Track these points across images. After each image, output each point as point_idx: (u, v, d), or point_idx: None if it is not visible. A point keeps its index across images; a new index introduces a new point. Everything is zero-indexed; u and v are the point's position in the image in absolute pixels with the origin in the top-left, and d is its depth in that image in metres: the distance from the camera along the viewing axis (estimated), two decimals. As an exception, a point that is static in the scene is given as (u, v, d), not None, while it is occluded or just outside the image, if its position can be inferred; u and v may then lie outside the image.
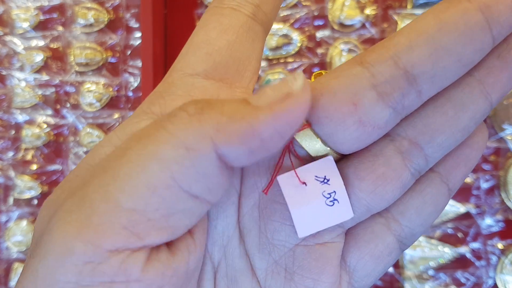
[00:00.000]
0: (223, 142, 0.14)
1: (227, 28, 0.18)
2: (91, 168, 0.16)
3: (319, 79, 0.17)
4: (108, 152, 0.16)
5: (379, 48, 0.16)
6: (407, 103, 0.16)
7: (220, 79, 0.17)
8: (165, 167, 0.14)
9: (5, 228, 0.59)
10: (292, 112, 0.14)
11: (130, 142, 0.15)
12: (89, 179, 0.14)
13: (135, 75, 0.57)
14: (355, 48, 0.51)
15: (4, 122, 0.60)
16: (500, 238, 0.45)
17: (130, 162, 0.14)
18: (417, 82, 0.16)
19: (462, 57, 0.15)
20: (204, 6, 0.56)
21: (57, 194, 0.16)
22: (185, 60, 0.18)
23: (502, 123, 0.45)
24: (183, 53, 0.18)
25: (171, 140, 0.14)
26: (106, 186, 0.14)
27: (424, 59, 0.15)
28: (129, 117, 0.17)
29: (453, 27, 0.15)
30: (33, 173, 0.59)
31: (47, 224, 0.15)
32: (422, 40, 0.15)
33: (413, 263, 0.45)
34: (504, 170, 0.45)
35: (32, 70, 0.59)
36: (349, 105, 0.16)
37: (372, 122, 0.16)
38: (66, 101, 0.59)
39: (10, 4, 0.60)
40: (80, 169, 0.16)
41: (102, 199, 0.14)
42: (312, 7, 0.52)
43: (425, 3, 0.48)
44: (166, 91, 0.18)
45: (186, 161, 0.14)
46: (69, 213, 0.14)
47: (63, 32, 0.59)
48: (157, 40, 0.54)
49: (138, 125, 0.16)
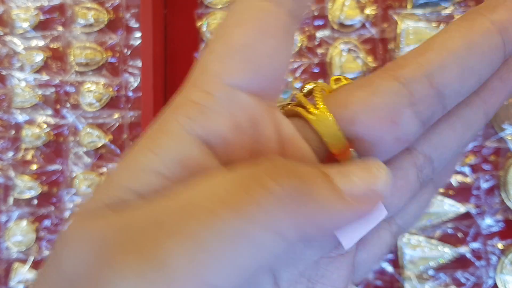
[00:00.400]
0: (308, 231, 0.14)
1: (268, 30, 0.15)
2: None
3: (348, 90, 0.16)
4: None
5: (412, 63, 0.16)
6: (433, 119, 0.16)
7: (260, 94, 0.15)
8: (258, 253, 0.13)
9: (5, 228, 0.59)
10: (370, 210, 0.14)
11: (214, 207, 0.13)
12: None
13: (135, 75, 0.57)
14: (355, 48, 0.51)
15: (4, 122, 0.60)
16: (500, 238, 0.45)
17: (222, 241, 0.12)
18: (445, 99, 0.16)
19: (482, 77, 0.16)
20: (204, 6, 0.56)
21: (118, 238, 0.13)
22: (223, 64, 0.15)
23: (502, 123, 0.45)
24: (218, 52, 0.15)
25: (264, 228, 0.13)
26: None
27: (454, 79, 0.16)
28: (163, 129, 0.15)
29: (479, 49, 0.15)
30: (33, 173, 0.59)
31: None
32: (452, 60, 0.15)
33: (413, 263, 0.45)
34: (504, 170, 0.45)
35: (32, 70, 0.59)
36: (390, 123, 0.16)
37: (407, 138, 0.16)
38: (66, 101, 0.59)
39: (10, 4, 0.60)
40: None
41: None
42: (312, 7, 0.52)
43: (425, 3, 0.48)
44: (206, 103, 0.15)
45: (277, 249, 0.13)
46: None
47: (63, 32, 0.59)
48: (157, 40, 0.54)
49: (183, 149, 0.14)
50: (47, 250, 0.58)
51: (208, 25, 0.55)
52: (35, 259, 0.58)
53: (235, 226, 0.12)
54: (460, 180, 0.46)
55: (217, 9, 0.55)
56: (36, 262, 0.58)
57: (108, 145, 0.57)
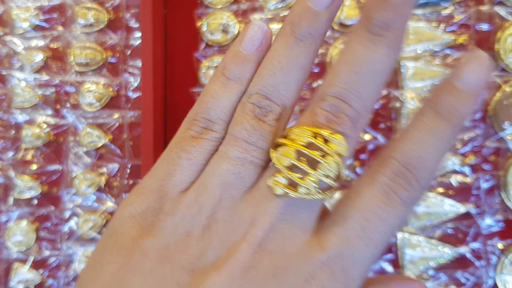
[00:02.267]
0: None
1: None
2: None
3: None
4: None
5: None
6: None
7: None
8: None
9: (5, 228, 0.59)
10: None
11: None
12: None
13: (135, 75, 0.57)
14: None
15: (4, 122, 0.60)
16: (500, 238, 0.45)
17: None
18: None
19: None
20: (204, 6, 0.56)
21: None
22: None
23: (502, 123, 0.45)
24: None
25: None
26: None
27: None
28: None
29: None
30: (33, 173, 0.59)
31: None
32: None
33: (413, 263, 0.45)
34: (504, 170, 0.45)
35: (32, 70, 0.59)
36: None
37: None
38: (66, 101, 0.59)
39: (10, 4, 0.60)
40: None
41: None
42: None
43: (425, 3, 0.48)
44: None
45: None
46: None
47: (63, 32, 0.59)
48: (157, 40, 0.54)
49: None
50: (47, 250, 0.58)
51: (208, 25, 0.55)
52: (35, 259, 0.58)
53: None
54: (460, 180, 0.46)
55: (217, 9, 0.55)
56: (36, 262, 0.58)
57: (108, 145, 0.57)
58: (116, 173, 0.57)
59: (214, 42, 0.55)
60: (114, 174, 0.57)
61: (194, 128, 0.19)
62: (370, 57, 0.18)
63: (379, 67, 0.18)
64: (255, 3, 0.54)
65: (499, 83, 0.47)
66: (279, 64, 0.19)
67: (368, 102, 0.18)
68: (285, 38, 0.19)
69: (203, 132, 0.19)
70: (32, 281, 0.58)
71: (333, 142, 0.17)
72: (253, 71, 0.19)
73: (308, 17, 0.19)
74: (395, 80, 0.49)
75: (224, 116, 0.19)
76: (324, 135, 0.17)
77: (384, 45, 0.17)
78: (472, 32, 0.48)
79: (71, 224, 0.58)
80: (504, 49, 0.46)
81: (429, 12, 0.48)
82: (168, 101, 0.56)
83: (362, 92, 0.18)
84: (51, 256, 0.58)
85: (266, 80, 0.19)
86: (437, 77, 0.48)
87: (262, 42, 0.19)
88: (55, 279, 0.58)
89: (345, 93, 0.18)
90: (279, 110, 0.19)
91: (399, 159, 0.17)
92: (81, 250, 0.57)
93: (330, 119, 0.17)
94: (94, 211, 0.57)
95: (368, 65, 0.18)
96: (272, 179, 0.17)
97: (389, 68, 0.18)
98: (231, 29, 0.55)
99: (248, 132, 0.18)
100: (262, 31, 0.19)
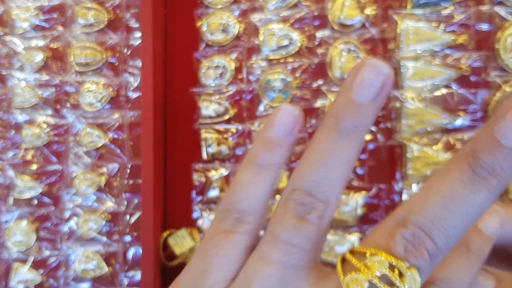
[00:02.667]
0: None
1: None
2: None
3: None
4: None
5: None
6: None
7: None
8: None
9: (5, 228, 0.59)
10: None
11: None
12: None
13: (135, 75, 0.57)
14: (355, 48, 0.51)
15: (4, 122, 0.60)
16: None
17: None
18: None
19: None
20: (204, 6, 0.56)
21: None
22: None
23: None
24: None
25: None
26: None
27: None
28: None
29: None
30: (33, 173, 0.59)
31: None
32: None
33: None
34: (504, 170, 0.45)
35: (32, 70, 0.59)
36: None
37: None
38: (66, 101, 0.59)
39: (10, 4, 0.60)
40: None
41: None
42: (312, 7, 0.52)
43: (425, 3, 0.48)
44: None
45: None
46: None
47: (63, 32, 0.59)
48: (157, 40, 0.54)
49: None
50: (47, 250, 0.58)
51: (208, 25, 0.55)
52: (35, 259, 0.58)
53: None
54: (460, 180, 0.46)
55: (217, 9, 0.55)
56: (36, 262, 0.58)
57: (108, 145, 0.57)
58: (116, 173, 0.57)
59: (214, 42, 0.55)
60: (114, 174, 0.57)
61: (227, 221, 0.19)
62: (468, 198, 0.16)
63: (475, 210, 0.16)
64: (255, 3, 0.54)
65: (499, 83, 0.47)
66: (322, 160, 0.18)
67: (452, 241, 0.17)
68: (328, 130, 0.18)
69: (236, 225, 0.18)
70: (32, 281, 0.58)
71: (407, 277, 0.16)
72: (285, 157, 0.19)
73: (353, 110, 0.17)
74: (395, 80, 0.49)
75: (257, 206, 0.19)
76: (400, 270, 0.16)
77: (486, 190, 0.16)
78: (472, 32, 0.48)
79: (71, 224, 0.58)
80: (504, 49, 0.46)
81: (429, 12, 0.48)
82: (168, 101, 0.56)
83: (449, 230, 0.16)
84: (51, 256, 0.58)
85: (308, 176, 0.18)
86: (437, 77, 0.48)
87: (293, 127, 0.19)
88: (55, 279, 0.58)
89: (431, 226, 0.16)
90: (322, 207, 0.18)
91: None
92: (81, 250, 0.57)
93: (409, 250, 0.16)
94: (94, 211, 0.57)
95: (463, 206, 0.16)
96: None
97: (483, 212, 0.17)
98: (231, 29, 0.55)
99: (290, 234, 0.17)
100: (293, 116, 0.19)
